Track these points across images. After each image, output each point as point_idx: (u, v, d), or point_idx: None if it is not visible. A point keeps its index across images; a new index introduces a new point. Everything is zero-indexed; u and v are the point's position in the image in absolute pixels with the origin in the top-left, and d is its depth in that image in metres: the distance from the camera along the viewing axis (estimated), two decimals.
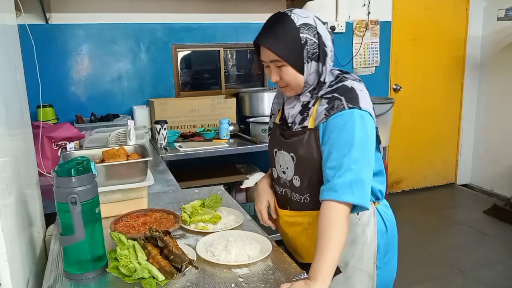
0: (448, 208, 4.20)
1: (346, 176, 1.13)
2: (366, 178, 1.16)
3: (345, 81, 1.25)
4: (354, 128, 1.16)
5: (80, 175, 1.13)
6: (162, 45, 3.41)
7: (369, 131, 1.19)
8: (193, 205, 1.56)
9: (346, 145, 1.15)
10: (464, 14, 4.39)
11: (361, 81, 1.28)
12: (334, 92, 1.23)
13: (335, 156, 1.16)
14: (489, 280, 2.86)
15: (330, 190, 1.15)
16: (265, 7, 3.62)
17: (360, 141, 1.16)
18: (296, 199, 1.33)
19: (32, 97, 1.81)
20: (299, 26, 1.21)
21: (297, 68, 1.24)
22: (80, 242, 1.14)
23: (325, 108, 1.22)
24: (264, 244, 1.31)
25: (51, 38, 3.09)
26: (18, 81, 1.45)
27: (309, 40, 1.21)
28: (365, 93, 1.24)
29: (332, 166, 1.16)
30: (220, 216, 1.52)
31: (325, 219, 1.14)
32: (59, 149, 2.30)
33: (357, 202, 1.14)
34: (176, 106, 3.21)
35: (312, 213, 1.29)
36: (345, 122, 1.17)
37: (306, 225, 1.33)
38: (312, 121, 1.26)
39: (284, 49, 1.22)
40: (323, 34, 1.23)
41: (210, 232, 1.43)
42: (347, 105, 1.19)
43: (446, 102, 4.53)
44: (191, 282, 1.12)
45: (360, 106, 1.19)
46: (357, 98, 1.20)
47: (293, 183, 1.32)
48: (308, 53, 1.22)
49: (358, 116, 1.17)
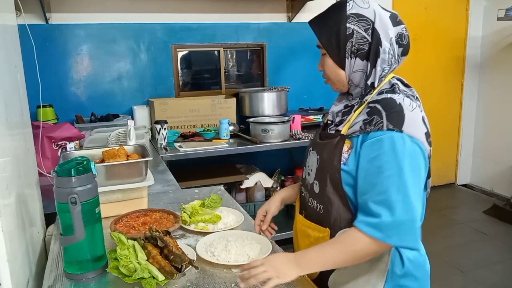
0: (448, 208, 4.20)
1: (394, 215, 0.97)
2: (415, 216, 0.99)
3: (396, 93, 1.08)
4: (398, 156, 0.99)
5: (80, 175, 1.13)
6: (162, 45, 3.41)
7: (415, 160, 1.02)
8: (193, 206, 1.57)
9: (392, 178, 0.99)
10: (464, 14, 4.39)
11: (418, 99, 1.11)
12: (378, 103, 1.06)
13: (380, 189, 1.00)
14: (489, 280, 2.86)
15: (373, 228, 0.99)
16: (265, 7, 3.62)
17: (407, 172, 0.99)
18: (312, 206, 1.20)
19: (32, 97, 1.81)
20: (349, 14, 1.08)
21: (337, 61, 1.12)
22: (80, 242, 1.14)
23: (363, 120, 1.07)
24: (264, 244, 1.32)
25: (51, 38, 3.09)
26: (18, 81, 1.45)
27: (357, 33, 1.08)
28: (415, 114, 1.05)
29: (377, 201, 0.99)
30: (220, 216, 1.52)
31: (351, 246, 1.02)
32: (59, 149, 2.30)
33: (404, 245, 1.02)
34: (176, 106, 3.21)
35: (321, 228, 1.16)
36: (387, 148, 1.00)
37: (312, 239, 1.19)
38: (347, 127, 1.12)
39: (326, 37, 1.11)
40: (382, 32, 1.07)
41: (210, 232, 1.43)
42: (386, 125, 1.01)
43: (446, 102, 4.53)
44: (191, 282, 1.12)
45: (403, 129, 1.00)
46: (402, 118, 1.02)
47: (313, 188, 1.19)
48: (352, 47, 1.09)
49: (399, 140, 1.00)
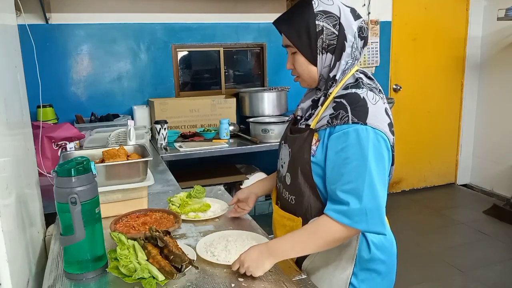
0: (448, 208, 4.20)
1: (361, 202, 1.03)
2: (381, 203, 1.06)
3: (360, 88, 1.12)
4: (363, 147, 1.05)
5: (80, 175, 1.13)
6: (162, 45, 3.41)
7: (379, 150, 1.07)
8: (181, 197, 1.64)
9: (359, 168, 1.05)
10: (464, 14, 4.39)
11: (381, 92, 1.15)
12: (343, 98, 1.11)
13: (348, 178, 1.06)
14: (489, 280, 2.86)
15: (342, 214, 1.05)
16: (265, 7, 3.62)
17: (372, 162, 1.05)
18: (285, 197, 1.27)
19: (32, 97, 1.81)
20: (317, 12, 1.11)
21: (309, 58, 1.15)
22: (80, 242, 1.14)
23: (330, 114, 1.12)
24: (260, 241, 1.32)
25: (51, 38, 3.09)
26: (18, 81, 1.45)
27: (326, 29, 1.11)
28: (378, 107, 1.10)
29: (345, 190, 1.06)
30: (209, 204, 1.62)
31: (321, 232, 1.09)
32: (59, 149, 2.30)
33: (371, 230, 1.06)
34: (176, 106, 3.21)
35: (294, 218, 1.23)
36: (352, 140, 1.06)
37: (288, 228, 1.25)
38: (315, 121, 1.17)
39: (296, 35, 1.13)
40: (346, 27, 1.11)
41: (202, 220, 1.53)
42: (351, 119, 1.07)
43: (446, 102, 4.53)
44: (191, 282, 1.12)
45: (366, 122, 1.06)
46: (365, 112, 1.07)
47: (285, 180, 1.26)
48: (323, 43, 1.12)
49: (363, 133, 1.06)
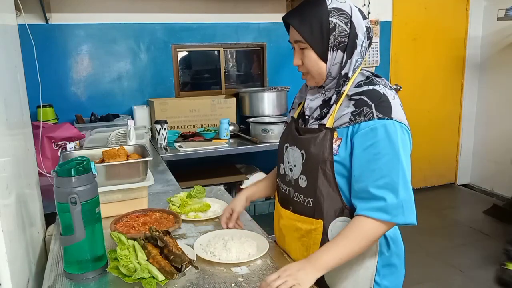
0: (448, 208, 4.20)
1: (398, 196, 1.06)
2: (412, 193, 1.10)
3: (376, 85, 1.14)
4: (393, 142, 1.07)
5: (80, 175, 1.13)
6: (162, 45, 3.41)
7: (406, 143, 1.11)
8: (181, 197, 1.63)
9: (391, 162, 1.07)
10: (464, 14, 4.39)
11: (392, 88, 1.17)
12: (363, 95, 1.12)
13: (380, 173, 1.07)
14: (489, 280, 2.86)
15: (380, 211, 1.06)
16: (265, 7, 3.62)
17: (402, 155, 1.08)
18: (299, 201, 1.23)
19: (32, 97, 1.81)
20: (330, 9, 1.12)
21: (319, 54, 1.15)
22: (80, 242, 1.14)
23: (351, 111, 1.12)
24: (259, 240, 1.33)
25: (51, 38, 3.09)
26: (18, 81, 1.45)
27: (339, 26, 1.12)
28: (397, 102, 1.13)
29: (380, 186, 1.07)
30: (209, 204, 1.61)
31: (361, 232, 1.08)
32: (59, 149, 2.30)
33: (407, 222, 1.08)
34: (176, 106, 3.21)
35: (312, 221, 1.20)
36: (381, 135, 1.08)
37: (304, 232, 1.22)
38: (332, 120, 1.16)
39: (309, 30, 1.12)
40: (357, 25, 1.13)
41: (202, 220, 1.52)
42: (376, 115, 1.08)
43: (446, 102, 4.53)
44: (191, 282, 1.12)
45: (392, 116, 1.09)
46: (389, 107, 1.10)
47: (298, 183, 1.22)
48: (335, 40, 1.12)
49: (391, 127, 1.08)
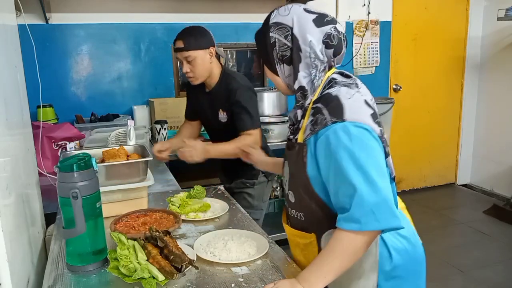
0: (448, 208, 4.19)
1: (363, 202, 0.97)
2: (386, 194, 0.99)
3: (333, 87, 1.10)
4: (346, 146, 1.01)
5: (82, 170, 1.16)
6: (162, 45, 3.41)
7: (364, 142, 1.02)
8: (181, 198, 1.64)
9: (350, 168, 1.00)
10: (464, 14, 4.39)
11: (357, 86, 1.12)
12: (319, 102, 1.09)
13: (343, 182, 1.01)
14: (489, 280, 2.86)
15: (350, 221, 0.99)
16: (265, 7, 3.61)
17: (361, 157, 1.00)
18: (293, 215, 1.22)
19: (32, 97, 1.81)
20: (271, 24, 1.14)
21: (271, 69, 1.18)
22: (81, 235, 1.17)
23: (310, 121, 1.10)
24: (259, 240, 1.34)
25: (51, 38, 3.09)
26: (18, 81, 1.45)
27: (279, 41, 1.12)
28: (355, 100, 1.06)
29: (346, 195, 1.01)
30: (209, 204, 1.61)
31: (339, 247, 1.02)
32: (59, 149, 2.30)
33: (384, 227, 0.99)
34: (176, 106, 3.20)
35: (306, 235, 1.18)
36: (334, 143, 1.02)
37: (302, 246, 1.22)
38: (302, 134, 1.14)
39: (258, 48, 1.18)
40: (300, 37, 1.10)
41: (202, 220, 1.52)
42: (330, 119, 1.04)
43: (446, 102, 4.53)
44: (191, 282, 1.12)
45: (345, 118, 1.03)
46: (340, 108, 1.04)
47: (289, 198, 1.22)
48: (277, 54, 1.14)
49: (341, 131, 1.02)
